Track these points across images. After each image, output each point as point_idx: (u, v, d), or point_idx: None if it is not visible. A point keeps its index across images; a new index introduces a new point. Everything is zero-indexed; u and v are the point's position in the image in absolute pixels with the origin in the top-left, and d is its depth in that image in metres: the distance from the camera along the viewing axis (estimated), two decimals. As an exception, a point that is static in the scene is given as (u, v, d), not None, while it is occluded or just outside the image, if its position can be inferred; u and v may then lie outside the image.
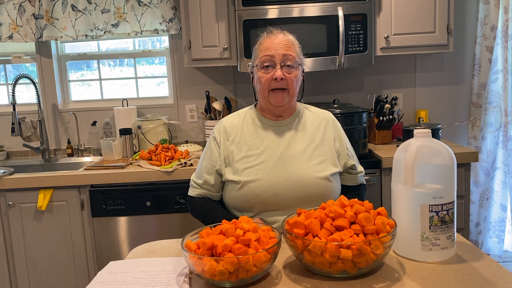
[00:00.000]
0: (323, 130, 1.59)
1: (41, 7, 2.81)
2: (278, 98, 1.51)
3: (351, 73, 3.00)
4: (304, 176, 1.48)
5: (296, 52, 1.53)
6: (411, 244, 1.18)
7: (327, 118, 1.64)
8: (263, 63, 1.50)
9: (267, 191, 1.46)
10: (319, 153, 1.53)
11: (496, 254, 2.98)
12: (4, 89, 3.13)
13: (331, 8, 2.50)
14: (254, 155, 1.52)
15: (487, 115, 2.90)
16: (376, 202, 2.39)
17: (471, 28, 2.95)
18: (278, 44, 1.50)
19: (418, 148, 1.16)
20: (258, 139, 1.55)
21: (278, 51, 1.49)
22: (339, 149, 1.58)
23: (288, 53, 1.49)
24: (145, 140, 2.83)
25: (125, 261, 1.28)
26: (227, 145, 1.57)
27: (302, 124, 1.59)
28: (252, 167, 1.50)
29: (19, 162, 2.90)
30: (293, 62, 1.50)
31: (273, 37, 1.52)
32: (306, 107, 1.67)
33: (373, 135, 2.78)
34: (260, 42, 1.55)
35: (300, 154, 1.52)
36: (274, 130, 1.57)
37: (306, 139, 1.55)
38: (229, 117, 1.64)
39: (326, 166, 1.51)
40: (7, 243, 2.45)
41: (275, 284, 1.10)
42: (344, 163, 1.59)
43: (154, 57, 3.10)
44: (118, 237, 2.43)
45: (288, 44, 1.51)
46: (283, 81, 1.49)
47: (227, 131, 1.59)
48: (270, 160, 1.50)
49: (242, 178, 1.49)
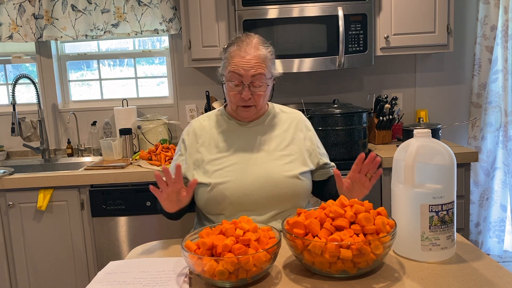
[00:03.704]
0: (294, 130, 1.59)
1: (41, 7, 2.81)
2: (245, 113, 1.52)
3: (351, 73, 3.00)
4: (274, 176, 1.48)
5: (267, 67, 1.48)
6: (411, 244, 1.18)
7: (298, 118, 1.64)
8: (230, 80, 1.47)
9: (237, 192, 1.46)
10: (289, 152, 1.54)
11: (496, 254, 2.98)
12: (4, 89, 3.13)
13: (331, 8, 2.50)
14: (224, 157, 1.52)
15: (487, 115, 2.90)
16: (376, 202, 2.39)
17: (471, 28, 2.95)
18: (248, 63, 1.44)
19: (418, 148, 1.16)
20: (228, 141, 1.55)
21: (248, 71, 1.44)
22: (309, 148, 1.59)
23: (257, 73, 1.45)
24: (145, 140, 2.83)
25: (125, 261, 1.28)
26: (196, 147, 1.56)
27: (272, 124, 1.59)
28: (222, 169, 1.49)
29: (19, 162, 2.90)
30: (262, 81, 1.47)
31: (243, 52, 1.45)
32: (277, 107, 1.66)
33: (373, 135, 2.78)
34: (230, 52, 1.49)
35: (269, 154, 1.52)
36: (244, 131, 1.57)
37: (276, 139, 1.56)
38: (199, 119, 1.63)
39: (296, 165, 1.52)
40: (7, 243, 2.45)
41: (275, 284, 1.10)
42: (317, 162, 1.60)
43: (154, 57, 3.10)
44: (118, 237, 2.43)
45: (259, 62, 1.45)
46: (252, 99, 1.48)
47: (197, 133, 1.58)
48: (240, 161, 1.50)
49: (212, 180, 1.48)
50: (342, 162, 2.39)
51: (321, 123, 2.41)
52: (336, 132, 2.38)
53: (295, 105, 2.92)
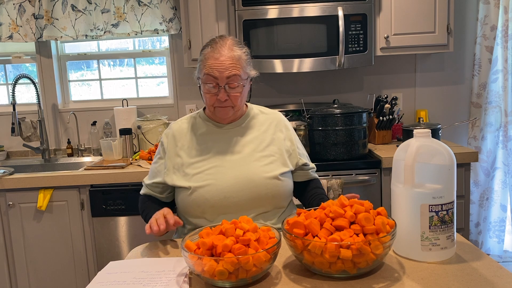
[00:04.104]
0: (273, 131, 1.58)
1: (41, 7, 2.81)
2: (222, 113, 1.51)
3: (351, 73, 3.00)
4: (254, 177, 1.47)
5: (242, 67, 1.46)
6: (411, 244, 1.18)
7: (278, 118, 1.63)
8: (206, 82, 1.46)
9: (218, 195, 1.45)
10: (269, 153, 1.53)
11: (496, 254, 2.98)
12: (4, 89, 3.13)
13: (331, 8, 2.50)
14: (203, 160, 1.51)
15: (487, 115, 2.90)
16: (376, 202, 2.39)
17: (471, 28, 2.95)
18: (222, 64, 1.43)
19: (418, 148, 1.16)
20: (207, 144, 1.54)
21: (222, 73, 1.43)
22: (289, 148, 1.59)
23: (232, 74, 1.43)
24: (145, 140, 2.83)
25: (125, 261, 1.28)
26: (175, 151, 1.55)
27: (251, 125, 1.58)
28: (202, 172, 1.49)
29: (19, 162, 2.90)
30: (238, 82, 1.45)
31: (217, 54, 1.44)
32: (256, 108, 1.65)
33: (373, 135, 2.79)
34: (204, 55, 1.47)
35: (249, 156, 1.51)
36: (223, 133, 1.56)
37: (256, 140, 1.55)
38: (178, 122, 1.62)
39: (276, 166, 1.51)
40: (7, 243, 2.45)
41: (275, 284, 1.10)
42: (296, 162, 1.59)
43: (154, 57, 3.10)
44: (118, 237, 2.43)
45: (233, 63, 1.44)
46: (228, 100, 1.47)
47: (176, 136, 1.57)
48: (220, 164, 1.50)
49: (192, 184, 1.47)
50: (342, 162, 2.40)
51: (321, 123, 2.41)
52: (336, 132, 2.38)
53: (295, 105, 2.92)
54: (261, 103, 1.69)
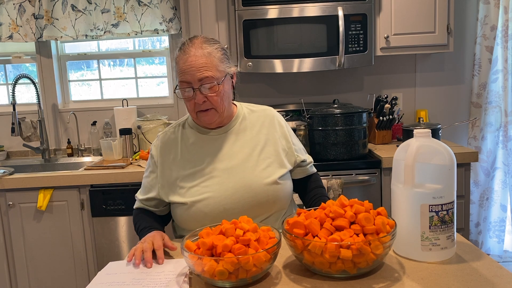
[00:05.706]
0: (267, 130, 1.51)
1: (41, 7, 2.81)
2: (206, 118, 1.43)
3: (351, 73, 3.00)
4: (252, 185, 1.41)
5: (215, 66, 1.38)
6: (411, 244, 1.18)
7: (270, 115, 1.55)
8: (181, 87, 1.40)
9: (217, 208, 1.40)
10: (265, 156, 1.46)
11: (496, 254, 2.98)
12: (4, 89, 3.13)
13: (331, 8, 2.50)
14: (198, 172, 1.43)
15: (487, 115, 2.90)
16: (376, 202, 2.39)
17: (471, 28, 2.95)
18: (193, 66, 1.36)
19: (418, 148, 1.16)
20: (199, 153, 1.46)
21: (194, 75, 1.36)
22: (285, 147, 1.52)
23: (204, 76, 1.36)
24: (145, 140, 2.83)
25: (125, 261, 1.28)
26: (167, 164, 1.47)
27: (243, 127, 1.50)
28: (198, 185, 1.42)
29: (19, 162, 2.90)
30: (212, 82, 1.37)
31: (185, 56, 1.37)
32: (245, 107, 1.57)
33: (373, 135, 2.78)
34: (176, 60, 1.41)
35: (245, 162, 1.44)
36: (215, 139, 1.48)
37: (250, 144, 1.47)
38: (166, 132, 1.54)
39: (274, 169, 1.45)
40: (7, 243, 2.45)
41: (275, 284, 1.10)
42: (294, 160, 1.53)
43: (154, 57, 3.10)
44: (118, 237, 2.43)
45: (203, 62, 1.36)
46: (207, 102, 1.39)
47: (165, 148, 1.49)
48: (216, 174, 1.42)
49: (188, 199, 1.41)
50: (342, 162, 2.40)
51: (321, 123, 2.41)
52: (336, 132, 2.38)
53: (295, 105, 2.92)
54: (261, 103, 1.67)
